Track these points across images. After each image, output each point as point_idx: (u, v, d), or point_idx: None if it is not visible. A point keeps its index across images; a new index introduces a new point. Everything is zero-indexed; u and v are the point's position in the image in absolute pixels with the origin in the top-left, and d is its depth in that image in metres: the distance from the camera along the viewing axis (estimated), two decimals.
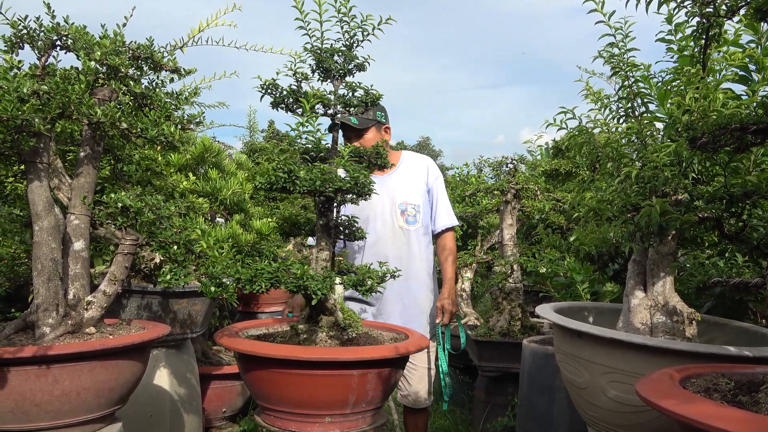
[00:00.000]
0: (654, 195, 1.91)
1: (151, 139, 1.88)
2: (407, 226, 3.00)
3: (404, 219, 3.00)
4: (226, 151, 4.43)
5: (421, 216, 3.03)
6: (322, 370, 1.91)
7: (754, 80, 2.29)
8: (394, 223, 2.99)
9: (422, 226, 3.03)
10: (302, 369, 1.90)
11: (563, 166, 4.58)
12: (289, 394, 1.94)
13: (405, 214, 3.00)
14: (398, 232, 2.99)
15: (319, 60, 2.27)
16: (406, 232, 2.99)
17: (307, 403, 1.94)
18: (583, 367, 1.89)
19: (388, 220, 2.99)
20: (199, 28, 2.30)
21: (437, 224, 3.10)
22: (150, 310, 2.59)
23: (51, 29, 1.84)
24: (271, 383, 1.98)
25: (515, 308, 3.84)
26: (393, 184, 3.03)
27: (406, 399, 3.06)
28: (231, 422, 3.88)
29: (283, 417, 2.00)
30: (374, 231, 2.98)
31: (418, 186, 3.06)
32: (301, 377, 1.92)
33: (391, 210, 2.99)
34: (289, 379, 1.93)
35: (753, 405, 1.25)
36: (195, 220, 2.04)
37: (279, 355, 1.91)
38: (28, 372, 1.58)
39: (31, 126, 1.62)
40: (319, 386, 1.92)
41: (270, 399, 2.01)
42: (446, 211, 3.12)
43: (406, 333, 2.34)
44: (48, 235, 1.75)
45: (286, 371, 1.92)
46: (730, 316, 2.41)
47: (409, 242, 2.99)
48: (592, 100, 2.30)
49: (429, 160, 3.19)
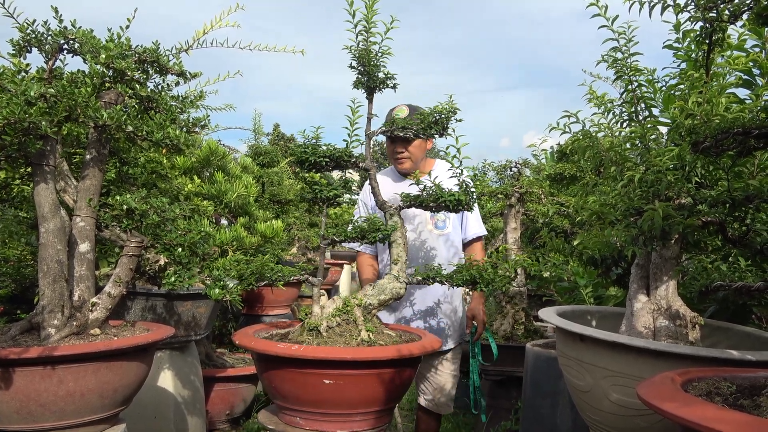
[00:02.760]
0: (657, 199, 1.91)
1: (156, 142, 1.89)
2: (436, 230, 3.02)
3: (434, 224, 3.02)
4: (232, 155, 4.45)
5: (451, 222, 3.05)
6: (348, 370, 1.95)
7: (758, 84, 2.29)
8: (424, 228, 3.02)
9: (452, 231, 3.05)
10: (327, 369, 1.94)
11: (567, 170, 4.56)
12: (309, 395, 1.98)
13: (434, 218, 3.02)
14: (427, 237, 3.02)
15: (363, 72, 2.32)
16: (436, 237, 3.02)
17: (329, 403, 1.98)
18: (586, 371, 1.89)
19: (417, 224, 3.02)
20: (204, 30, 2.32)
21: (467, 233, 3.12)
22: (154, 312, 2.60)
23: (58, 33, 1.86)
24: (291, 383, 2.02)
25: (519, 312, 3.84)
26: None
27: (430, 403, 3.08)
28: (234, 425, 3.88)
29: (307, 417, 2.03)
30: None
31: None
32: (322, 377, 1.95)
33: (421, 215, 3.02)
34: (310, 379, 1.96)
35: (754, 408, 1.25)
36: (200, 222, 2.05)
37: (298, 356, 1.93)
38: (33, 372, 1.59)
39: (37, 129, 1.63)
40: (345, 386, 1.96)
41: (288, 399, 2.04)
42: (477, 221, 3.14)
43: (419, 334, 2.35)
44: (54, 237, 1.76)
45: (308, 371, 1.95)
46: (734, 320, 2.40)
47: (438, 247, 3.02)
48: (595, 104, 2.31)
49: None
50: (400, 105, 3.01)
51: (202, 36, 2.67)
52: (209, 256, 2.01)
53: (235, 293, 1.94)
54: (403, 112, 2.96)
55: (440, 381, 3.05)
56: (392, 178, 3.14)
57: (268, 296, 4.72)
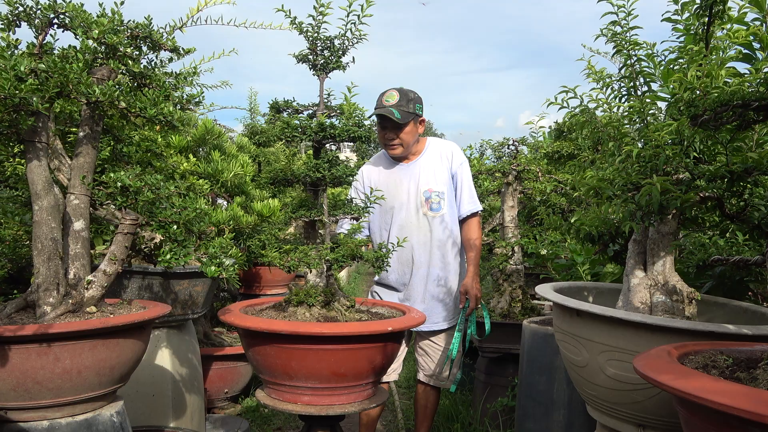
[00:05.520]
0: (655, 174, 1.90)
1: (150, 119, 1.87)
2: (432, 213, 3.02)
3: (428, 206, 3.02)
4: (228, 134, 4.43)
5: (446, 203, 3.04)
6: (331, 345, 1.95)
7: (758, 58, 2.26)
8: (419, 211, 3.02)
9: (447, 211, 3.05)
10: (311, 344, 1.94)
11: (565, 148, 4.55)
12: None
13: (429, 201, 3.02)
14: (422, 220, 3.02)
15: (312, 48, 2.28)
16: (431, 219, 3.02)
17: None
18: (582, 346, 1.90)
19: (412, 208, 3.02)
20: (198, 7, 2.28)
21: (461, 210, 3.11)
22: (151, 290, 2.60)
23: (48, 7, 1.82)
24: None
25: (516, 290, 3.85)
26: (417, 171, 3.06)
27: (428, 377, 3.15)
28: (233, 402, 3.91)
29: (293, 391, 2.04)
30: (398, 219, 3.02)
31: (442, 173, 3.07)
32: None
33: (416, 198, 3.02)
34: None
35: (751, 381, 1.25)
36: (195, 200, 2.03)
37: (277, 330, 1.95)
38: (29, 350, 1.59)
39: (29, 105, 1.61)
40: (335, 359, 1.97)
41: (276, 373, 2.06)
42: (470, 197, 3.13)
43: (403, 310, 2.35)
44: (48, 215, 1.75)
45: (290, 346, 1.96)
46: (730, 296, 2.41)
47: (433, 229, 3.02)
48: (594, 79, 2.28)
49: (454, 146, 3.19)
50: (390, 90, 2.98)
51: (197, 13, 2.63)
52: (206, 235, 2.00)
53: (232, 271, 1.93)
54: (393, 98, 2.93)
55: (439, 357, 3.10)
56: (384, 164, 3.12)
57: (266, 276, 4.72)
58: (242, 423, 3.41)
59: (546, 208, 3.97)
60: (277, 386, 2.06)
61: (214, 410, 3.77)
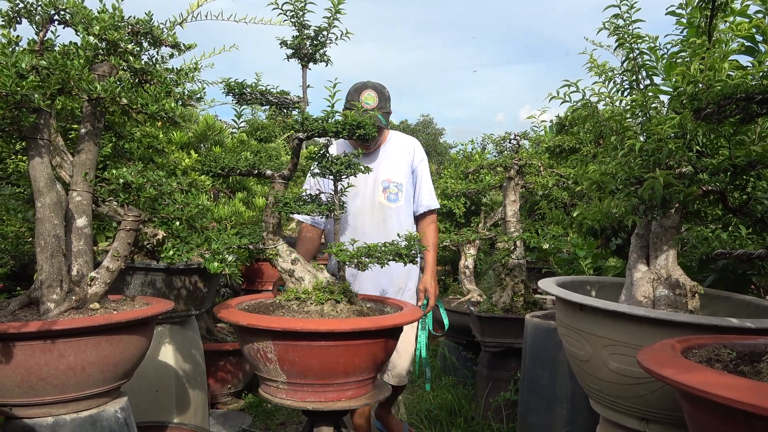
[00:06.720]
0: (658, 168, 1.89)
1: (151, 115, 1.87)
2: (388, 203, 2.97)
3: (385, 196, 2.97)
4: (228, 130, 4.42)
5: (403, 195, 3.00)
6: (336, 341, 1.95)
7: (761, 51, 2.26)
8: (375, 199, 2.96)
9: (404, 205, 3.00)
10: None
11: (567, 142, 4.54)
12: None
13: (387, 191, 2.97)
14: (377, 208, 2.96)
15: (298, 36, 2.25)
16: (387, 209, 2.97)
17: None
18: (585, 340, 1.90)
19: (368, 195, 2.96)
20: (198, 2, 2.28)
21: (419, 205, 3.08)
22: (154, 286, 2.60)
23: (48, 3, 1.82)
24: None
25: (518, 284, 3.85)
26: (377, 161, 3.01)
27: (388, 376, 3.00)
28: (236, 398, 3.92)
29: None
30: (354, 206, 2.95)
31: (403, 165, 3.03)
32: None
33: (373, 186, 2.97)
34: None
35: (755, 374, 1.25)
36: (197, 196, 2.03)
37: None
38: (33, 347, 1.59)
39: (30, 102, 1.61)
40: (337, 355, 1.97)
41: None
42: (429, 193, 3.09)
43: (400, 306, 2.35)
44: (50, 212, 1.75)
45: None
46: (733, 289, 2.41)
47: (388, 219, 2.96)
48: (596, 72, 2.28)
49: (416, 141, 3.15)
50: (367, 90, 2.90)
51: (197, 9, 2.63)
52: (207, 231, 2.00)
53: (234, 267, 1.93)
54: (372, 100, 2.87)
55: (400, 352, 2.97)
56: (345, 151, 3.09)
57: (268, 271, 4.73)
58: (245, 418, 3.42)
59: (548, 202, 3.97)
60: (276, 384, 2.05)
61: (217, 406, 3.77)
